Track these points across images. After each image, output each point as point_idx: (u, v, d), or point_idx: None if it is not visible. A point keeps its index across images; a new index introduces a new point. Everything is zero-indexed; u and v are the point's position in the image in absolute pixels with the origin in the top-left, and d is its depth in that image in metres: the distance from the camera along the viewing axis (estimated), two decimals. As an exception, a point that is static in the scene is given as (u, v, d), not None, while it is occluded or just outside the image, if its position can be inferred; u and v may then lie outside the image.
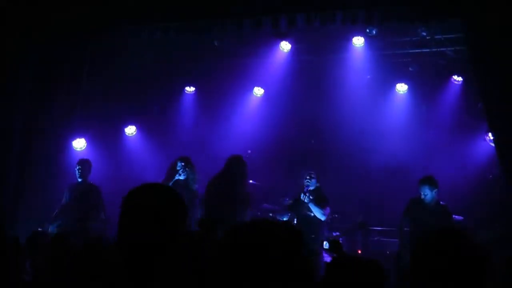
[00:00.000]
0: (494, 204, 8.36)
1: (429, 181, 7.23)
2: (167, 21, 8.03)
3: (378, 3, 7.33)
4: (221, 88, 10.31)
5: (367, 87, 9.79)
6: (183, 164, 7.47)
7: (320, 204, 7.39)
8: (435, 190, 7.20)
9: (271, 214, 8.56)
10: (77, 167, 7.78)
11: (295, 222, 7.53)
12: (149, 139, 10.36)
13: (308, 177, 7.55)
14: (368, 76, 9.84)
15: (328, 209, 7.51)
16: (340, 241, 7.40)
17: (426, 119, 9.85)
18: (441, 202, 7.31)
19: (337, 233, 8.56)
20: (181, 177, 7.44)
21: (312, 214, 7.39)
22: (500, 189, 7.60)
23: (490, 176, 8.74)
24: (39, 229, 7.11)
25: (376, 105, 9.90)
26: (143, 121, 10.43)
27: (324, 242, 6.49)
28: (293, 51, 9.73)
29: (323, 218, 7.42)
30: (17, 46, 7.92)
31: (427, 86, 9.73)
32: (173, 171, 7.50)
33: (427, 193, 7.18)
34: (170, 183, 7.21)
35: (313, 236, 7.14)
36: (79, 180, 7.75)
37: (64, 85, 8.39)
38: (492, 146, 7.85)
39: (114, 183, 8.05)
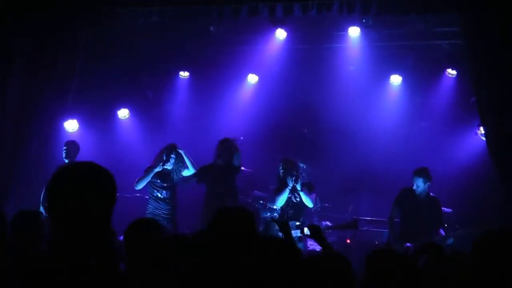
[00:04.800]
0: (483, 197, 8.43)
1: (424, 173, 7.27)
2: (163, 5, 7.99)
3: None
4: (215, 74, 10.27)
5: (361, 78, 9.78)
6: (173, 156, 7.63)
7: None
8: (428, 183, 7.25)
9: (261, 202, 8.59)
10: (63, 148, 7.88)
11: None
12: (142, 122, 10.34)
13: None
14: (352, 67, 9.82)
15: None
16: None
17: (419, 111, 9.89)
18: (431, 194, 7.37)
19: (327, 222, 8.61)
20: (168, 167, 7.64)
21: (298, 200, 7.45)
22: (490, 182, 7.67)
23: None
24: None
25: (370, 96, 9.91)
26: (137, 104, 10.40)
27: (305, 229, 6.51)
28: (288, 39, 9.69)
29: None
30: (11, 26, 7.86)
31: (421, 79, 9.74)
32: (161, 159, 7.66)
33: (420, 185, 7.23)
34: (155, 170, 7.54)
35: (299, 222, 7.22)
36: (66, 161, 7.81)
37: (58, 66, 8.34)
38: (483, 140, 7.90)
39: (104, 165, 8.03)
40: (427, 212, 7.20)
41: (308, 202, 7.38)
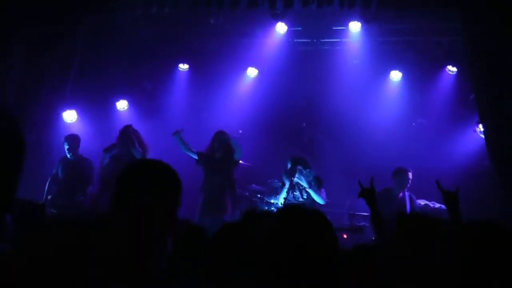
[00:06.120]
0: (482, 195, 8.40)
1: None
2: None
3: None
4: (215, 67, 10.23)
5: (361, 73, 9.74)
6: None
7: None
8: None
9: (259, 195, 8.57)
10: (65, 146, 7.85)
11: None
12: (140, 114, 10.30)
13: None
14: (355, 61, 9.78)
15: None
16: None
17: (418, 108, 9.86)
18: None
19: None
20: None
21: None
22: (489, 180, 7.64)
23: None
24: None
25: (370, 91, 9.88)
26: (135, 96, 10.37)
27: None
28: (289, 33, 9.66)
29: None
30: (9, 17, 7.82)
31: (421, 75, 9.71)
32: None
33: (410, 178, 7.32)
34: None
35: None
36: (69, 156, 7.86)
37: (57, 57, 8.33)
38: (482, 137, 7.88)
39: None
40: (403, 208, 7.28)
41: (317, 199, 7.29)
